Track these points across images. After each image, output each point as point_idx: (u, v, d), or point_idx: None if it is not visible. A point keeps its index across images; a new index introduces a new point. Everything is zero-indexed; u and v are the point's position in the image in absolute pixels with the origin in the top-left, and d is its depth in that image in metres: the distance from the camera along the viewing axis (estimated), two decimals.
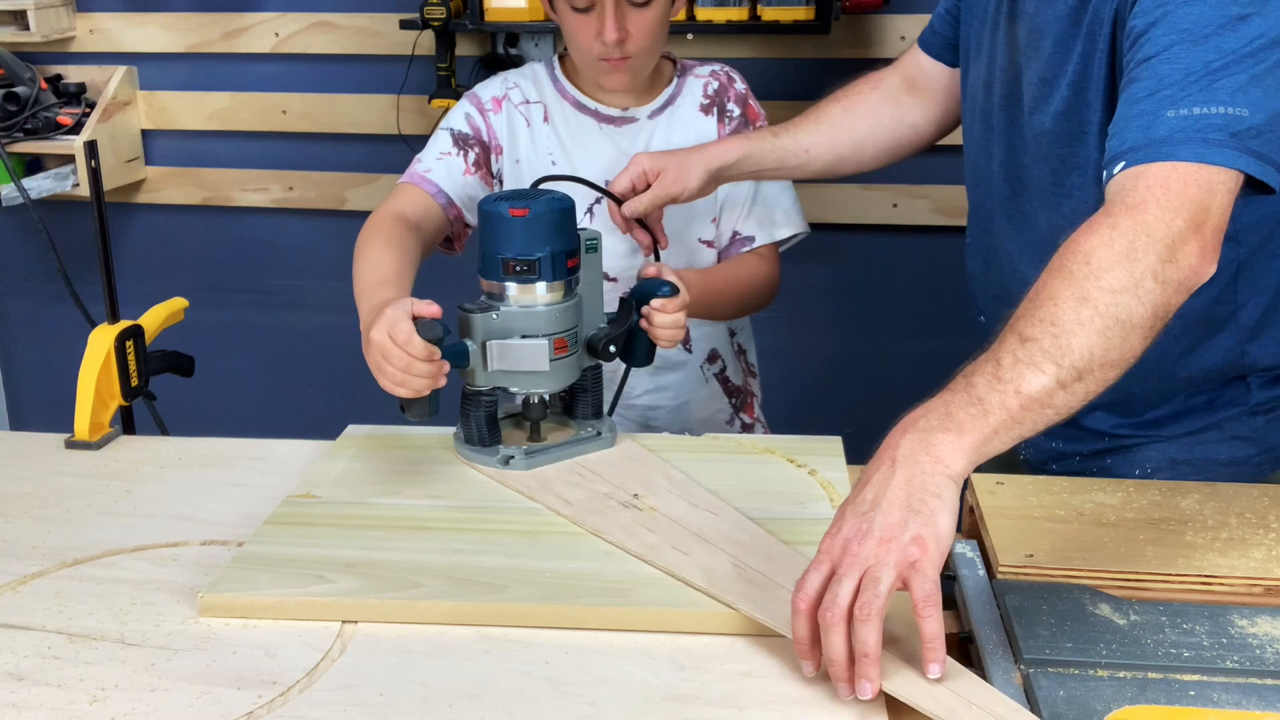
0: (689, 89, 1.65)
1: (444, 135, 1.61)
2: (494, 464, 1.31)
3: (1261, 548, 1.18)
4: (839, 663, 0.90)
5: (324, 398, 2.76)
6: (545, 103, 1.64)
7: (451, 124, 1.62)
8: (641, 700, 0.94)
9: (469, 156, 1.60)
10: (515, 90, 1.64)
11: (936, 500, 0.91)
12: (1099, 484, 1.31)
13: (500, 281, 1.29)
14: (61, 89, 2.62)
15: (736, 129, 1.63)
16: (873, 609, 0.88)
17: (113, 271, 1.47)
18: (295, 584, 1.07)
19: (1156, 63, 1.06)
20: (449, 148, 1.60)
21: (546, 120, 1.63)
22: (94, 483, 1.34)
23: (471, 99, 1.64)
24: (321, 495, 1.25)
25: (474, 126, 1.62)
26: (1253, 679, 0.97)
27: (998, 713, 0.89)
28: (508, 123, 1.63)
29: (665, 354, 1.68)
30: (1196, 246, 0.99)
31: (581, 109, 1.63)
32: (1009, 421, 0.94)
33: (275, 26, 2.67)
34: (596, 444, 1.36)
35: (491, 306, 1.29)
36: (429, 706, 0.93)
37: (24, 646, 1.02)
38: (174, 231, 2.86)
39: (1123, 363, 0.97)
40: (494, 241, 1.28)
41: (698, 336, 1.70)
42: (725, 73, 1.68)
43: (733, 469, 1.32)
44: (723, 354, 1.74)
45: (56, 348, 2.89)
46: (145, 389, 1.49)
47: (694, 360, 1.71)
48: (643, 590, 1.07)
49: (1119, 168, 1.05)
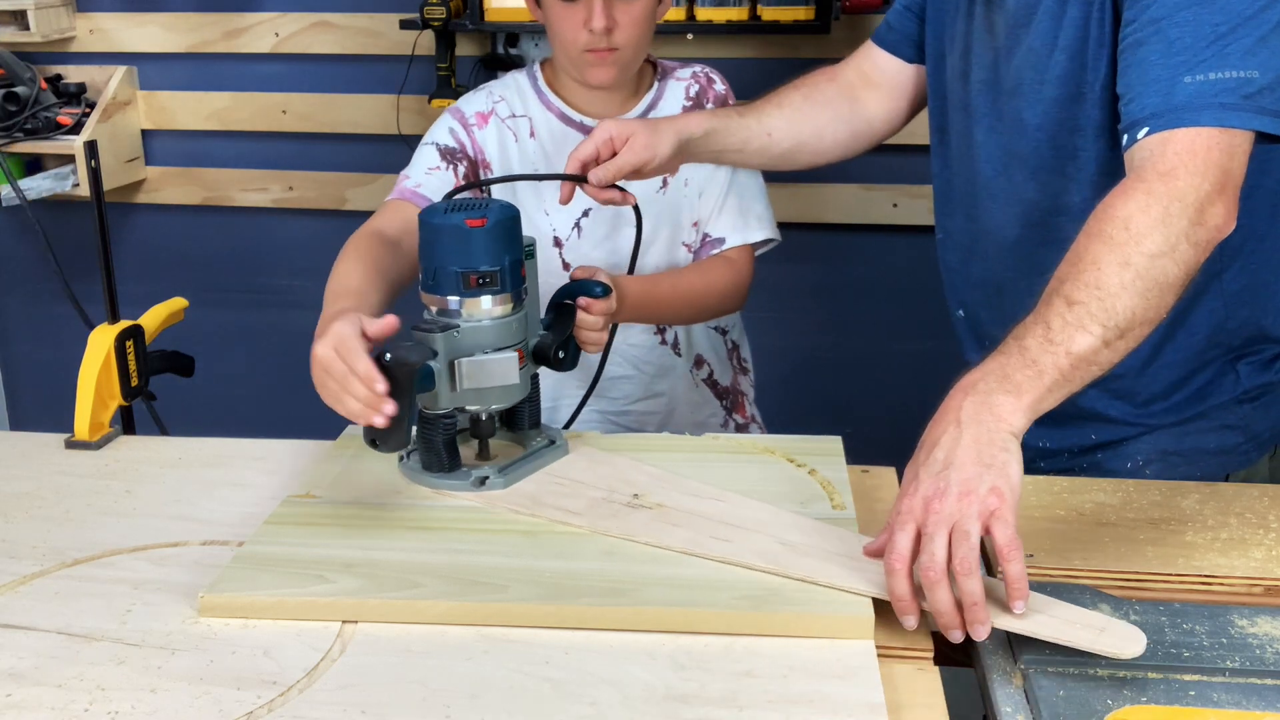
0: (670, 93, 1.64)
1: (429, 150, 1.59)
2: (466, 487, 1.25)
3: (1261, 548, 1.18)
4: (948, 613, 0.97)
5: None
6: (530, 115, 1.63)
7: (436, 139, 1.60)
8: (641, 700, 0.94)
9: (458, 171, 1.58)
10: (501, 104, 1.63)
11: (1005, 454, 0.98)
12: (1099, 484, 1.31)
13: (460, 296, 1.23)
14: (61, 89, 2.62)
15: None
16: (971, 561, 0.95)
17: (113, 271, 1.47)
18: (295, 584, 1.07)
19: (1166, 26, 1.12)
20: (437, 162, 1.58)
21: (533, 135, 1.62)
22: (94, 483, 1.34)
23: (455, 114, 1.62)
24: (321, 495, 1.25)
25: (459, 141, 1.60)
26: (1253, 679, 0.97)
27: (1097, 625, 0.98)
28: (497, 136, 1.61)
29: (658, 359, 1.68)
30: (1222, 207, 1.07)
31: (566, 121, 1.62)
32: (1061, 380, 1.01)
33: (275, 26, 2.67)
34: (556, 452, 1.33)
35: (449, 324, 1.23)
36: (429, 706, 0.93)
37: (24, 646, 1.02)
38: (174, 231, 2.86)
39: (1158, 319, 1.06)
40: (448, 255, 1.22)
41: (685, 340, 1.69)
42: (705, 74, 1.67)
43: (732, 469, 1.32)
44: (708, 358, 1.73)
45: (56, 348, 2.89)
46: (145, 389, 1.49)
47: (683, 365, 1.70)
48: (643, 590, 1.06)
49: (1143, 133, 1.11)
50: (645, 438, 1.55)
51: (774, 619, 1.03)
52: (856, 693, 0.94)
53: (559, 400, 1.66)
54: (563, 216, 1.61)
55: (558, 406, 1.66)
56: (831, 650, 1.00)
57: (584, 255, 1.62)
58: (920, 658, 1.02)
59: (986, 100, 1.37)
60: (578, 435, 1.41)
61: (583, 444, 1.37)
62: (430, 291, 1.24)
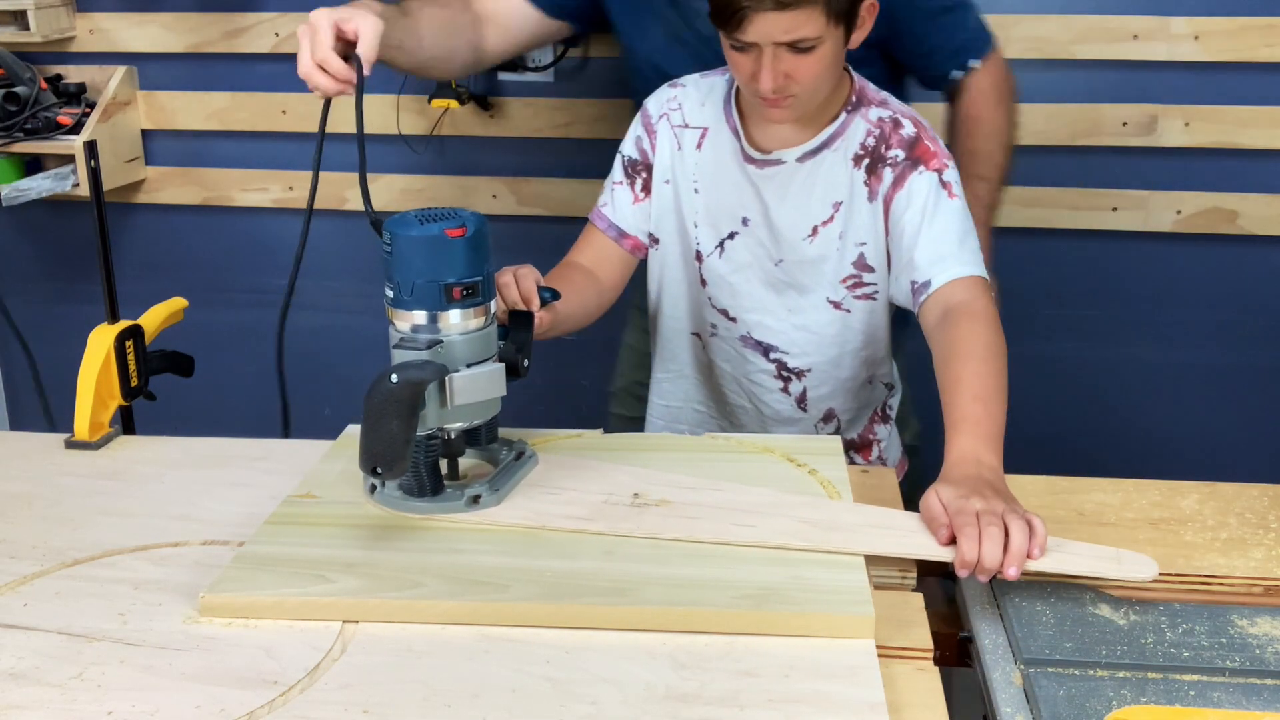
0: (852, 131, 1.46)
1: (617, 163, 1.58)
2: (460, 509, 1.21)
3: (1261, 548, 1.18)
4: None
5: (324, 398, 2.75)
6: (707, 125, 1.53)
7: (624, 149, 1.58)
8: (641, 700, 0.94)
9: (635, 185, 1.56)
10: (677, 112, 1.54)
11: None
12: (1099, 484, 1.31)
13: (444, 310, 1.17)
14: (61, 89, 2.62)
15: (901, 174, 1.44)
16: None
17: (113, 271, 1.47)
18: (296, 584, 1.07)
19: None
20: (621, 177, 1.57)
21: (699, 146, 1.53)
22: (94, 483, 1.34)
23: (643, 117, 1.57)
24: (321, 495, 1.25)
25: (642, 150, 1.56)
26: (1253, 679, 0.97)
27: (1112, 556, 1.13)
28: (666, 143, 1.55)
29: (777, 405, 1.59)
30: None
31: (735, 138, 1.50)
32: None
33: (275, 26, 2.67)
34: (529, 463, 1.30)
35: (434, 339, 1.18)
36: (429, 706, 0.93)
37: (24, 646, 1.02)
38: (174, 231, 2.86)
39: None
40: (430, 267, 1.16)
41: (815, 397, 1.58)
42: (893, 119, 1.46)
43: (732, 469, 1.32)
44: (842, 413, 1.60)
45: (56, 348, 2.89)
46: (145, 389, 1.49)
47: (808, 419, 1.61)
48: (643, 590, 1.07)
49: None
50: (644, 437, 1.55)
51: (774, 619, 1.03)
52: (856, 693, 0.94)
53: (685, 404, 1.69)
54: (708, 232, 1.55)
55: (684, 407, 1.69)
56: (831, 650, 1.00)
57: (721, 277, 1.55)
58: (920, 658, 1.02)
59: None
60: (578, 435, 1.41)
61: (551, 451, 1.35)
62: (406, 307, 1.18)
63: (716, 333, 1.59)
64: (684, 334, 1.63)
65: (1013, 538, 1.09)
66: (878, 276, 1.50)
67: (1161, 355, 2.47)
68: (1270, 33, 2.23)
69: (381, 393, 1.10)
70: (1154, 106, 2.30)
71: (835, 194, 1.47)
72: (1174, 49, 2.26)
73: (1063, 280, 2.44)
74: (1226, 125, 2.29)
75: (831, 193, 1.47)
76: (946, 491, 1.16)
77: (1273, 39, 2.23)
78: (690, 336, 1.63)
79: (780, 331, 1.55)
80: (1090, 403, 2.51)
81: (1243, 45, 2.24)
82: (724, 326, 1.58)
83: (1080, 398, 2.51)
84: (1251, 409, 2.46)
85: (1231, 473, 1.40)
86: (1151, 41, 2.26)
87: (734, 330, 1.57)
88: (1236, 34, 2.24)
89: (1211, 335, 2.44)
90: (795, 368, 1.56)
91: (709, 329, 1.59)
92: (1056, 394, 2.51)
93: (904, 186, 1.43)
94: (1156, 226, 2.37)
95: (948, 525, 1.13)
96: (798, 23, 1.30)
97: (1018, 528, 1.09)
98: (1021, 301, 2.51)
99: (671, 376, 1.67)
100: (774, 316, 1.54)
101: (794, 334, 1.54)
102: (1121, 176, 2.36)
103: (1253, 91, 2.28)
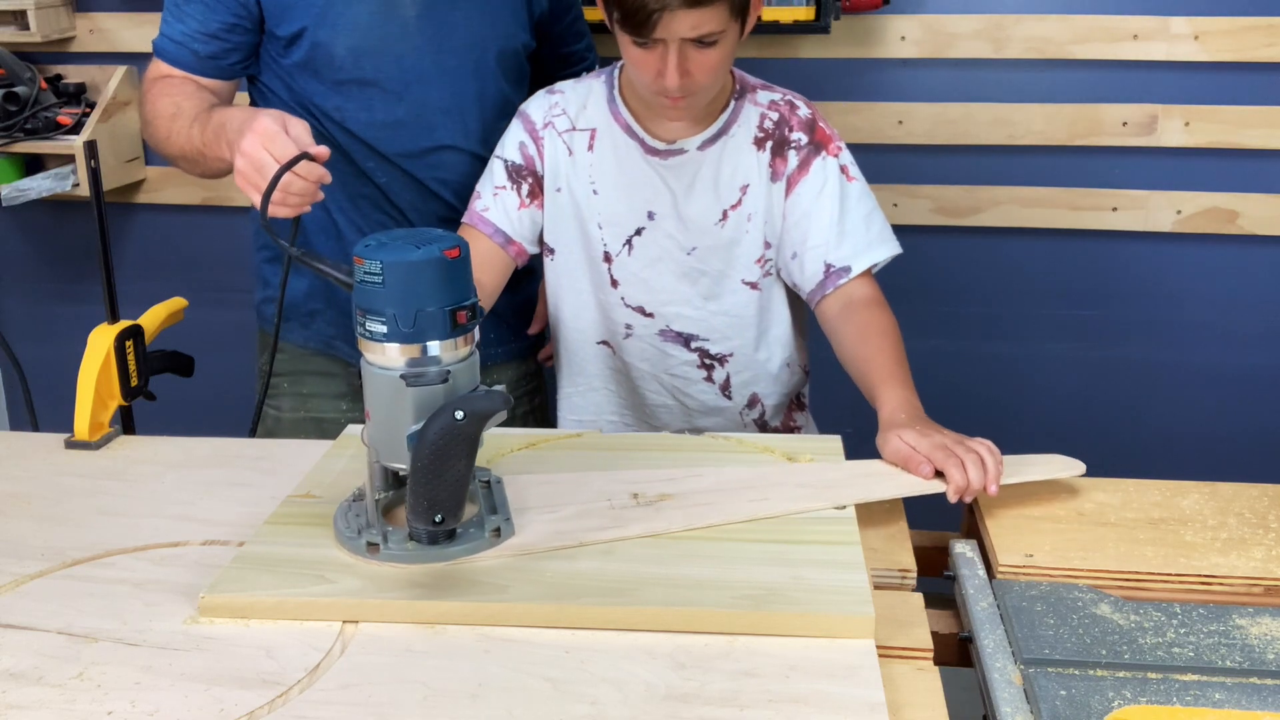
0: (745, 117, 1.53)
1: (498, 166, 1.57)
2: (485, 545, 1.12)
3: (1261, 548, 1.18)
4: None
5: None
6: (595, 126, 1.54)
7: (505, 153, 1.57)
8: (641, 700, 0.94)
9: (523, 190, 1.55)
10: (562, 117, 1.55)
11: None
12: (1099, 484, 1.31)
13: (449, 338, 1.08)
14: (61, 89, 2.62)
15: (805, 159, 1.52)
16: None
17: (112, 271, 1.47)
18: (296, 584, 1.07)
19: None
20: (504, 181, 1.56)
21: (591, 148, 1.54)
22: (94, 483, 1.34)
23: (523, 121, 1.57)
24: (321, 495, 1.25)
25: (526, 156, 1.56)
26: (1253, 679, 0.97)
27: (1045, 461, 1.33)
28: (553, 149, 1.55)
29: (701, 396, 1.63)
30: None
31: (631, 134, 1.53)
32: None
33: None
34: (499, 488, 1.24)
35: (444, 371, 1.08)
36: (429, 706, 0.93)
37: (24, 646, 1.02)
38: (174, 231, 2.86)
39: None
40: (434, 293, 1.06)
41: (740, 383, 1.62)
42: (788, 101, 1.54)
43: (732, 468, 1.32)
44: (766, 399, 1.64)
45: (56, 348, 2.89)
46: (145, 389, 1.49)
47: (732, 407, 1.64)
48: (643, 590, 1.06)
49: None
50: (644, 437, 1.55)
51: (774, 619, 1.03)
52: (856, 693, 0.94)
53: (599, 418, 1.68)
54: (614, 231, 1.56)
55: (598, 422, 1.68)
56: (831, 650, 1.00)
57: (633, 274, 1.56)
58: (920, 658, 1.03)
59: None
60: (578, 435, 1.41)
61: (515, 468, 1.31)
62: (406, 341, 1.07)
63: (632, 333, 1.59)
64: (589, 344, 1.63)
65: (986, 460, 1.25)
66: (773, 253, 1.57)
67: (1161, 355, 2.47)
68: (1270, 33, 2.23)
69: (447, 434, 1.01)
70: (1154, 106, 2.30)
71: (741, 177, 1.53)
72: (1174, 49, 2.27)
73: (1063, 280, 2.45)
74: (1226, 125, 2.30)
75: (738, 176, 1.53)
76: (908, 434, 1.29)
77: (1273, 39, 2.23)
78: (597, 346, 1.63)
79: (699, 319, 1.58)
80: (1090, 403, 2.51)
81: (1243, 45, 2.25)
82: (640, 324, 1.58)
83: (1080, 398, 2.51)
84: (1251, 409, 2.46)
85: (1231, 473, 1.40)
86: (1151, 41, 2.27)
87: (651, 326, 1.58)
88: (1236, 34, 2.24)
89: (1211, 335, 2.44)
90: (717, 354, 1.60)
91: (623, 331, 1.60)
92: (1057, 394, 2.51)
93: (809, 171, 1.53)
94: (1156, 226, 2.38)
95: (926, 460, 1.26)
96: (705, 19, 1.36)
97: (985, 450, 1.26)
98: (1021, 301, 2.52)
99: (580, 390, 1.66)
100: (691, 306, 1.58)
101: (713, 320, 1.58)
102: (1121, 176, 2.37)
103: (1253, 91, 2.28)
